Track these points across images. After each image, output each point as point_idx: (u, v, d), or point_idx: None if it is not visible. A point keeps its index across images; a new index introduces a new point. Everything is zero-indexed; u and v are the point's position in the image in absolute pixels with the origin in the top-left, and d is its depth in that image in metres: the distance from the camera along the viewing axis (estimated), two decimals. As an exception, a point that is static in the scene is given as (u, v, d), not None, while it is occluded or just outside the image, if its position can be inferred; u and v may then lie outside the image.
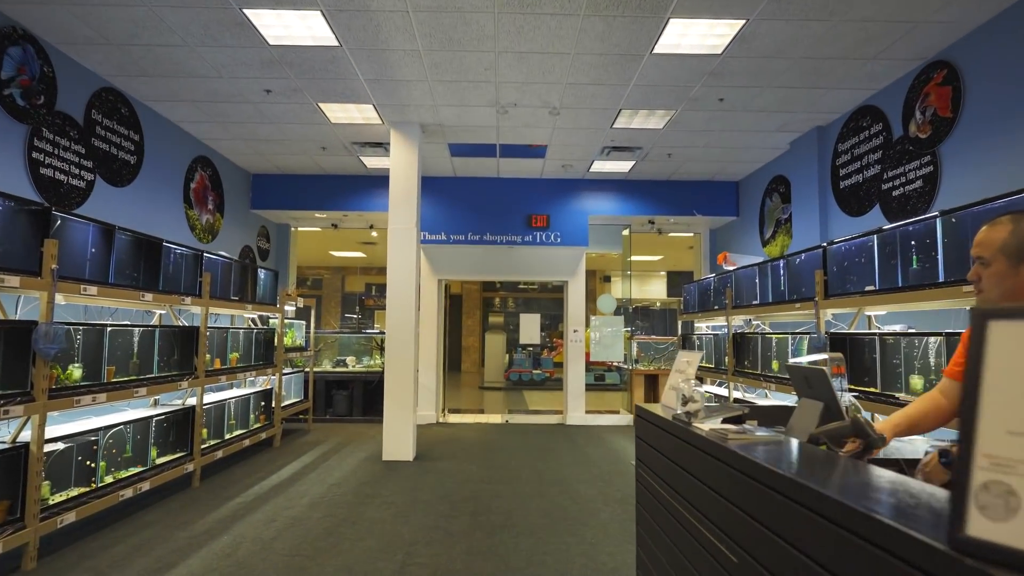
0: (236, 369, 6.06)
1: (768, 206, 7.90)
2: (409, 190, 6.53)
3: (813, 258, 4.88)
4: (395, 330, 6.41)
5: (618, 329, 9.28)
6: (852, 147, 6.05)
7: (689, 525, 1.86)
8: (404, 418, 6.33)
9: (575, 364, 8.99)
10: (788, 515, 1.23)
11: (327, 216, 9.25)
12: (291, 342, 7.86)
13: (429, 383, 8.87)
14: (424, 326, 8.93)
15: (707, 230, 9.86)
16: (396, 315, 6.42)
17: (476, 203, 8.87)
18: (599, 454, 6.72)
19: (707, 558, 1.69)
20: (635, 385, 9.12)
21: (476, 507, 4.65)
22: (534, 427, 8.58)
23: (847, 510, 1.01)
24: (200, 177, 7.33)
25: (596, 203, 8.94)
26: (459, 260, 9.06)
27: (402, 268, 6.46)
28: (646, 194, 8.94)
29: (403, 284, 6.44)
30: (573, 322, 9.03)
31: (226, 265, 5.90)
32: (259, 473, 5.69)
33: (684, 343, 8.15)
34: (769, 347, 5.70)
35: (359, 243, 14.54)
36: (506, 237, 8.80)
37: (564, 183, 8.94)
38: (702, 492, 1.75)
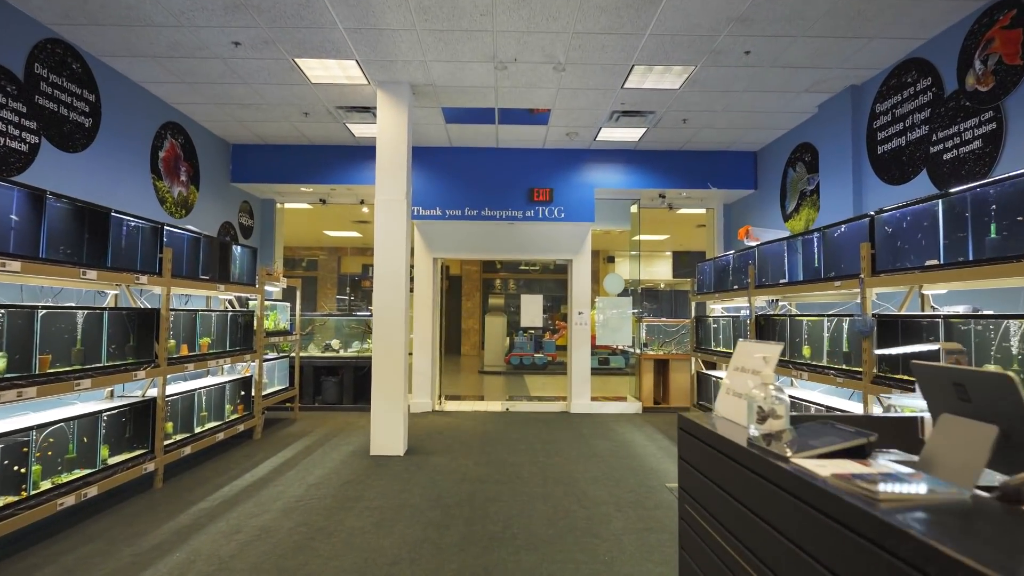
0: (207, 356, 5.47)
1: (791, 177, 7.25)
2: (398, 158, 5.89)
3: (857, 229, 4.25)
4: (384, 312, 5.82)
5: (626, 311, 8.68)
6: (893, 107, 5.40)
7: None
8: (394, 408, 5.76)
9: (580, 348, 8.41)
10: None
11: (314, 190, 8.61)
12: (273, 326, 7.28)
13: (424, 369, 8.30)
14: (418, 308, 8.34)
15: (721, 205, 9.21)
16: (385, 295, 5.82)
17: (474, 176, 8.23)
18: (607, 448, 6.16)
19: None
20: (643, 371, 8.55)
21: (471, 513, 4.09)
22: (536, 416, 8.02)
23: None
24: (170, 146, 6.68)
25: (603, 175, 8.29)
26: (456, 237, 8.44)
27: (390, 243, 5.85)
28: (657, 166, 8.29)
29: (392, 261, 5.84)
30: (578, 303, 8.43)
31: (193, 240, 5.29)
32: (233, 471, 5.13)
33: (699, 326, 7.56)
34: (799, 331, 5.10)
35: (353, 222, 13.91)
36: (506, 212, 8.17)
37: (569, 154, 8.29)
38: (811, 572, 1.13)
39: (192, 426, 5.33)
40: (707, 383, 7.29)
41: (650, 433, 6.93)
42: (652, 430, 7.11)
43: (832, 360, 4.58)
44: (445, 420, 7.64)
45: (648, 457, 5.75)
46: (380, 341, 5.80)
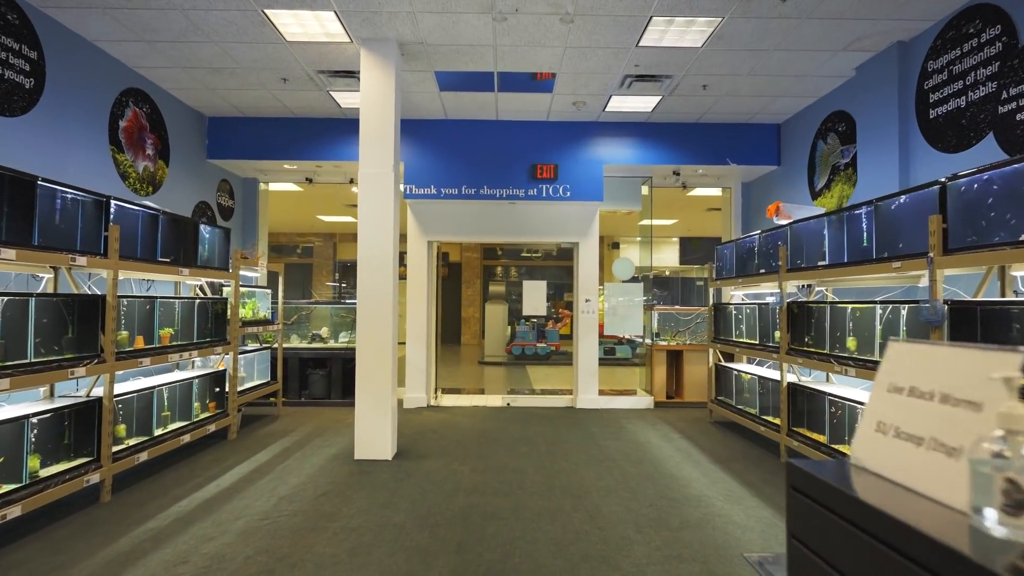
0: (168, 349, 4.84)
1: (821, 150, 6.57)
2: (384, 125, 5.22)
3: (922, 201, 3.59)
4: (369, 299, 5.18)
5: (636, 298, 8.03)
6: (950, 63, 4.71)
7: None
8: (380, 407, 5.14)
9: (587, 338, 7.77)
10: None
11: (298, 167, 7.94)
12: (251, 314, 6.64)
13: (419, 361, 7.67)
14: (412, 296, 7.70)
15: (739, 184, 8.53)
16: (370, 280, 5.18)
17: (471, 151, 7.55)
18: (619, 450, 5.53)
19: None
20: (655, 363, 7.91)
21: (465, 535, 3.47)
22: (539, 411, 7.40)
23: None
24: (133, 115, 6.01)
25: (613, 151, 7.60)
26: (452, 218, 7.77)
27: (376, 222, 5.19)
28: (671, 140, 7.60)
29: (378, 242, 5.18)
30: (584, 290, 7.78)
31: (149, 218, 4.64)
32: (197, 479, 4.51)
33: (717, 314, 6.91)
34: (840, 320, 4.45)
35: (346, 205, 13.24)
36: (507, 191, 7.50)
37: (575, 127, 7.60)
38: None
39: (151, 428, 4.70)
40: (726, 376, 6.65)
41: (665, 432, 6.30)
42: (667, 428, 6.48)
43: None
44: (440, 417, 7.02)
45: (666, 461, 5.12)
46: (365, 332, 5.16)
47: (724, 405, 6.57)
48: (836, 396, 4.50)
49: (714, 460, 5.19)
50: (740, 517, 3.79)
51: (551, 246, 17.46)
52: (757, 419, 5.72)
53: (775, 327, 5.52)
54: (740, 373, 6.31)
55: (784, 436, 5.12)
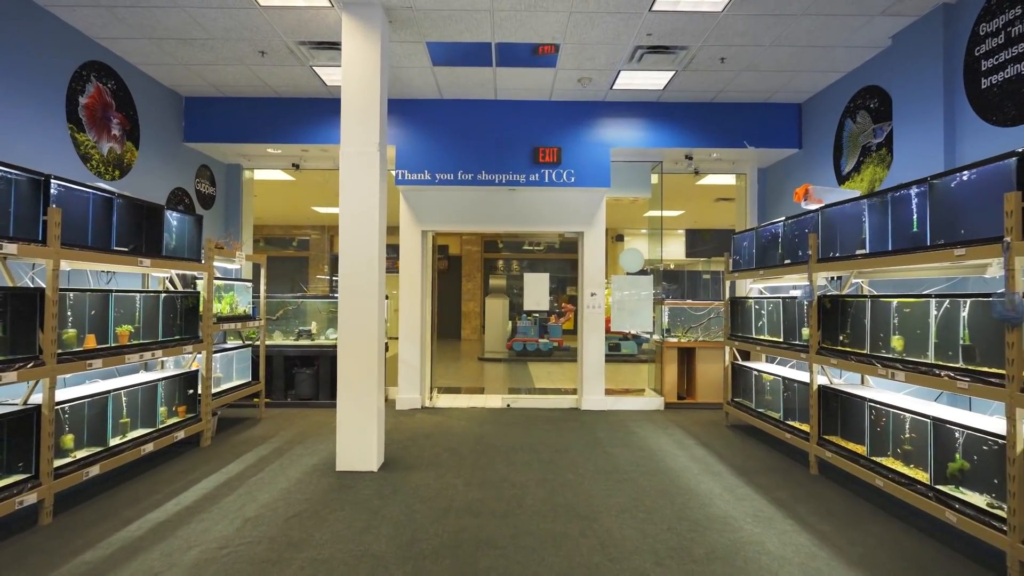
0: (126, 348, 4.32)
1: (849, 130, 6.01)
2: (369, 99, 4.68)
3: (994, 176, 3.05)
4: (351, 292, 4.65)
5: (645, 292, 7.49)
6: (1007, 25, 4.15)
7: None
8: (365, 413, 4.62)
9: (593, 335, 7.24)
10: None
11: (283, 152, 7.40)
12: (229, 309, 6.12)
13: (412, 359, 7.16)
14: (405, 290, 7.18)
15: (755, 169, 7.98)
16: (353, 272, 4.66)
17: (469, 133, 7.00)
18: (630, 459, 5.02)
19: None
20: (666, 361, 7.38)
21: (454, 567, 2.95)
22: (542, 413, 6.89)
23: None
24: (96, 91, 5.48)
25: (620, 132, 7.05)
26: (448, 206, 7.24)
27: (359, 207, 4.66)
28: (683, 121, 7.05)
29: (361, 229, 4.66)
30: (590, 283, 7.25)
31: (102, 201, 4.11)
32: (155, 496, 4.01)
33: (735, 309, 6.38)
34: (884, 317, 3.92)
35: (342, 196, 12.66)
36: (507, 176, 6.96)
37: (580, 107, 7.05)
38: None
39: (105, 438, 4.19)
40: (745, 377, 6.13)
41: (679, 438, 5.78)
42: (680, 433, 5.96)
43: (945, 356, 3.40)
44: (435, 420, 6.51)
45: (683, 473, 4.60)
46: (348, 329, 4.64)
47: (742, 408, 6.05)
48: (879, 403, 3.97)
49: (736, 471, 4.67)
50: (774, 544, 3.27)
51: (554, 236, 16.92)
52: (781, 424, 5.20)
53: (802, 324, 4.99)
54: (760, 373, 5.79)
55: (814, 445, 4.59)
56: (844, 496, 4.11)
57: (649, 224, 8.32)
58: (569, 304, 15.26)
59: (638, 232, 17.55)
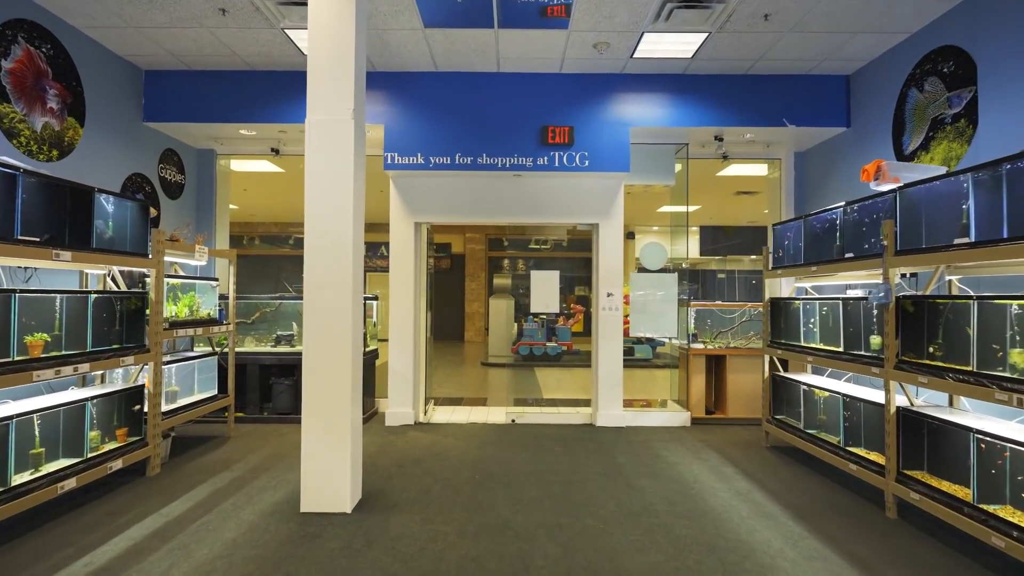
0: (34, 363, 3.48)
1: (914, 101, 5.11)
2: (341, 55, 3.82)
3: None
4: (318, 291, 3.79)
5: (669, 292, 6.60)
6: None
7: None
8: (336, 440, 3.76)
9: (610, 341, 6.36)
10: None
11: (258, 133, 6.55)
12: (188, 313, 5.26)
13: (404, 368, 6.29)
14: (396, 290, 6.33)
15: (791, 154, 7.07)
16: (320, 265, 3.80)
17: (468, 110, 6.13)
18: (660, 493, 4.14)
19: None
20: (692, 370, 6.49)
21: None
22: (552, 430, 6.01)
23: None
24: (26, 54, 4.65)
25: (641, 109, 6.16)
26: (444, 195, 6.38)
27: (329, 187, 3.80)
28: (714, 96, 6.15)
29: (330, 215, 3.80)
30: (606, 282, 6.36)
31: (3, 179, 3.27)
32: (63, 552, 3.16)
33: (776, 312, 5.49)
34: (998, 325, 3.03)
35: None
36: (511, 160, 6.09)
37: (595, 81, 6.16)
38: None
39: (5, 475, 3.34)
40: (790, 391, 5.24)
41: (714, 464, 4.89)
42: (715, 457, 5.08)
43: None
44: (429, 439, 5.64)
45: (728, 516, 3.72)
46: (314, 335, 3.78)
47: (786, 427, 5.15)
48: (993, 436, 3.07)
49: (794, 514, 3.78)
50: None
51: (564, 230, 16.02)
52: (841, 451, 4.31)
53: (870, 330, 4.09)
54: (811, 388, 4.89)
55: (892, 482, 3.70)
56: (942, 554, 3.22)
57: (673, 219, 7.46)
58: (578, 305, 14.38)
59: (650, 229, 16.64)
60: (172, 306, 4.99)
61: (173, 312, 4.99)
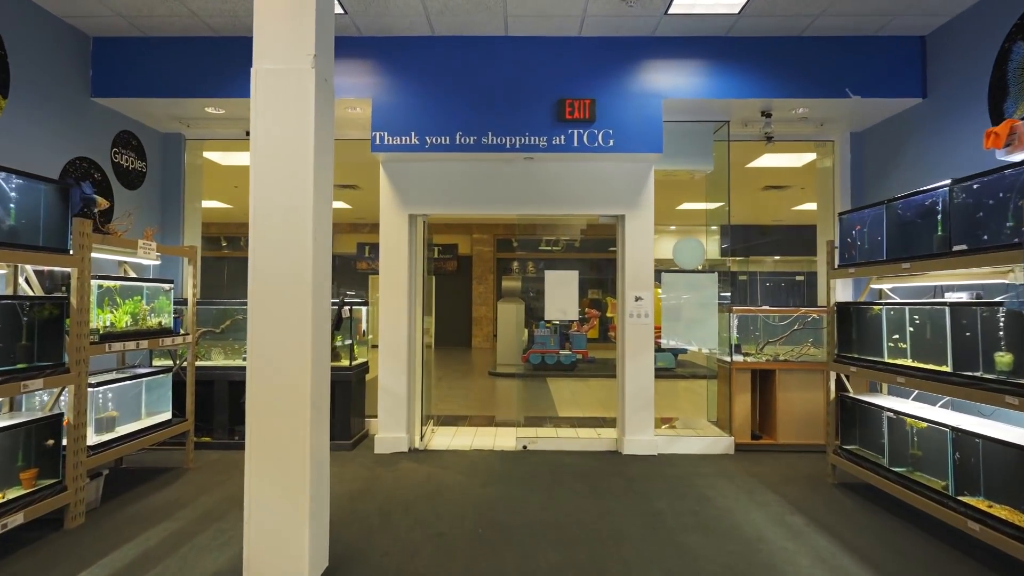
0: None
1: (1018, 59, 4.13)
2: (298, -15, 2.90)
3: None
4: (265, 292, 2.85)
5: (707, 295, 5.62)
6: None
7: None
8: (289, 486, 2.81)
9: (639, 354, 5.39)
10: None
11: (227, 112, 5.64)
12: (130, 322, 4.34)
13: (396, 386, 5.36)
14: (388, 293, 5.40)
15: (845, 135, 6.08)
16: (268, 257, 2.86)
17: (470, 82, 5.20)
18: (717, 558, 3.16)
19: None
20: (735, 387, 5.51)
21: None
22: (570, 460, 5.06)
23: None
24: (-77, 4, 3.77)
25: (676, 79, 5.20)
26: (443, 181, 5.45)
27: (279, 156, 2.87)
28: (761, 63, 5.18)
29: (284, 189, 2.86)
30: (633, 284, 5.40)
31: None
32: None
33: (845, 320, 4.50)
34: None
35: (337, 186, 10.94)
36: (522, 140, 5.15)
37: (622, 45, 5.21)
38: None
39: None
40: (864, 416, 4.26)
41: (777, 510, 3.91)
42: (774, 499, 4.09)
43: None
44: (424, 472, 4.70)
45: (819, 600, 2.74)
46: (260, 351, 2.84)
47: (861, 462, 4.16)
48: None
49: (906, 595, 2.80)
50: None
51: (579, 229, 15.03)
52: (951, 503, 3.31)
53: (1000, 345, 3.11)
54: (899, 416, 3.90)
55: (1044, 554, 2.71)
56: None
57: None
58: (593, 309, 13.42)
59: (666, 229, 15.63)
60: (106, 314, 4.07)
61: (108, 322, 4.08)
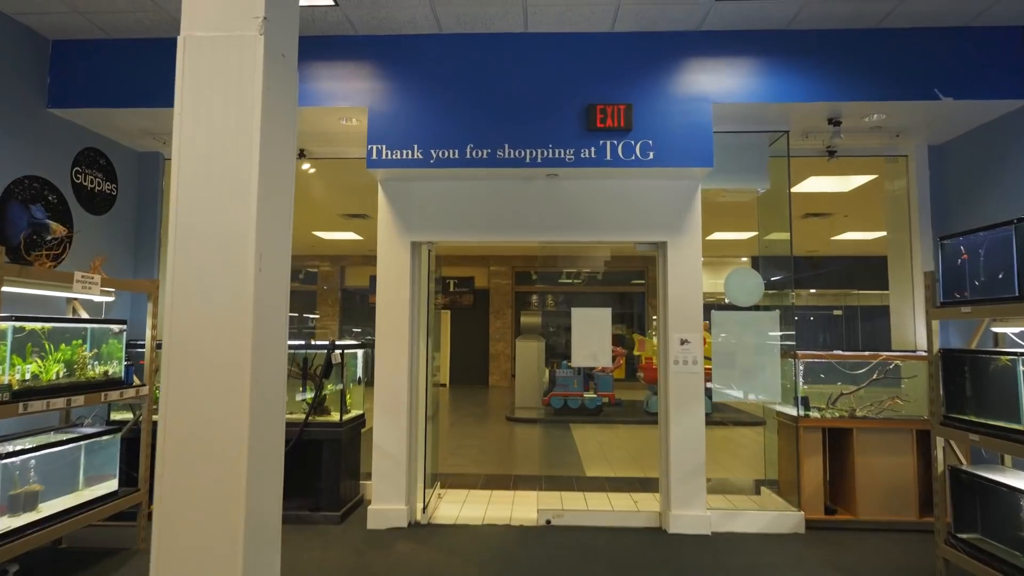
0: None
1: None
2: (244, -76, 2.14)
3: None
4: (186, 327, 2.02)
5: (768, 337, 4.69)
6: None
7: None
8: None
9: (686, 409, 4.46)
10: None
11: (206, 126, 4.93)
12: (63, 372, 3.53)
13: (394, 446, 4.48)
14: (385, 333, 4.57)
15: (922, 149, 5.20)
16: (193, 280, 2.04)
17: (484, 86, 4.43)
18: None
19: None
20: (805, 449, 4.53)
21: None
22: (604, 540, 4.10)
23: None
24: None
25: (726, 79, 4.37)
26: (452, 204, 4.65)
27: (210, 150, 2.07)
28: (830, 60, 4.35)
29: (217, 192, 2.06)
30: (679, 323, 4.51)
31: None
32: None
33: (954, 370, 3.56)
34: None
35: (343, 216, 10.37)
36: (545, 153, 4.34)
37: (662, 41, 4.42)
38: None
39: None
40: (984, 497, 3.27)
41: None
42: (881, 613, 3.11)
43: None
44: (425, 560, 3.78)
45: None
46: (177, 408, 1.99)
47: (989, 559, 3.16)
48: None
49: None
50: None
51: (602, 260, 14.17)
52: None
53: None
54: (1047, 502, 2.92)
55: None
56: None
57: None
58: (618, 347, 12.47)
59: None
60: (27, 364, 3.27)
61: (27, 374, 3.27)
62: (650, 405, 9.73)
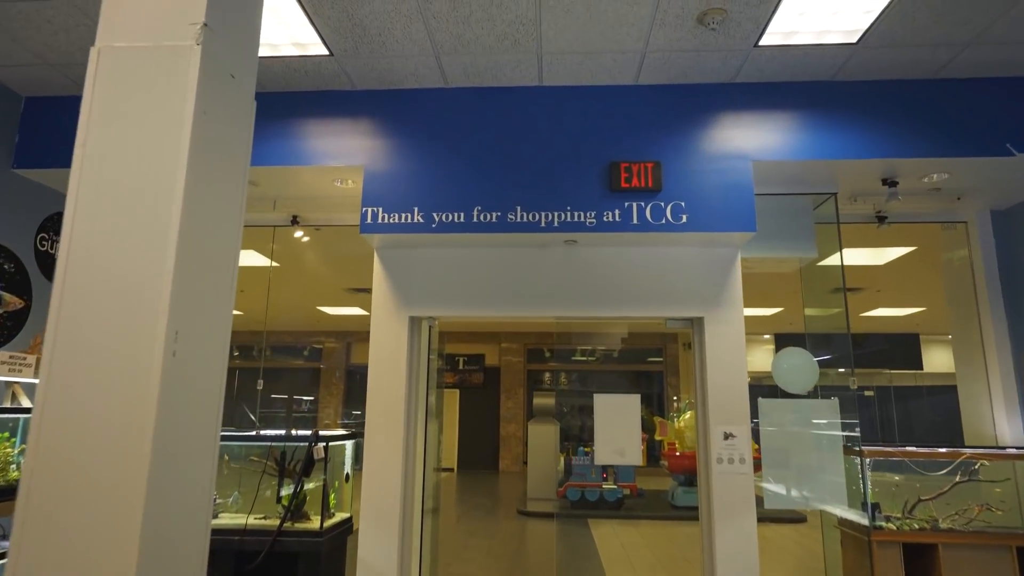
0: None
1: None
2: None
3: None
4: (52, 445, 1.40)
5: (828, 430, 3.97)
6: None
7: None
8: None
9: (736, 518, 3.70)
10: None
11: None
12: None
13: (382, 561, 3.72)
14: (377, 423, 3.91)
15: (985, 215, 4.64)
16: (74, 352, 1.43)
17: (493, 143, 3.97)
18: None
19: None
20: (881, 567, 3.72)
21: None
22: None
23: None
24: None
25: (767, 135, 3.89)
26: (456, 274, 4.10)
27: (119, 196, 1.53)
28: (882, 113, 3.86)
29: (119, 222, 1.49)
30: (720, 414, 3.82)
31: None
32: None
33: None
34: None
35: (347, 291, 9.94)
36: (562, 216, 3.81)
37: (693, 93, 3.97)
38: None
39: None
40: None
41: None
42: None
43: None
44: None
45: None
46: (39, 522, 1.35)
47: None
48: None
49: None
50: None
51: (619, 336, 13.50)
52: None
53: None
54: None
55: None
56: None
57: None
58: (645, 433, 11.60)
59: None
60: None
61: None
62: (676, 498, 8.81)
